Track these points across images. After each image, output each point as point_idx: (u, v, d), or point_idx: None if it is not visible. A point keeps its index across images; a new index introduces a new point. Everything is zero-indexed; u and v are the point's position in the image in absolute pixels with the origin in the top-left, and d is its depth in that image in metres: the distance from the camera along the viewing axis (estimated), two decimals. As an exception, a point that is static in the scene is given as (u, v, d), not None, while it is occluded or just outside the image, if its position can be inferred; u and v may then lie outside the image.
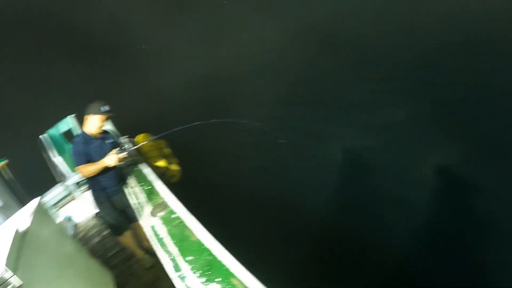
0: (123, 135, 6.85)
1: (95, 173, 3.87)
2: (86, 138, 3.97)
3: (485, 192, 6.07)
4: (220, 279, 2.19)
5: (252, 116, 10.95)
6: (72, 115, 7.13)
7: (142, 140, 6.21)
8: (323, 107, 10.64)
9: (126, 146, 3.91)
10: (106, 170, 3.96)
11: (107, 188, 4.25)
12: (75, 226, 7.20)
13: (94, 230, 6.58)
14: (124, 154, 3.85)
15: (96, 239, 6.21)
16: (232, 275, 2.18)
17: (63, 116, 7.29)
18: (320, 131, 9.41)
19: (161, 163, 5.55)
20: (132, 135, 6.49)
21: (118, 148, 3.92)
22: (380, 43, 13.27)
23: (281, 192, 7.58)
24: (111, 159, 3.82)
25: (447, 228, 5.87)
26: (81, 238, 6.61)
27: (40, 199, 4.21)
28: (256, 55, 17.02)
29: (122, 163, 3.95)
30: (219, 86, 15.67)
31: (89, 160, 3.88)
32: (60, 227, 4.14)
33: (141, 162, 5.05)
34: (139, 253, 4.63)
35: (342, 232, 6.28)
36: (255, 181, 8.33)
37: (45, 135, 7.02)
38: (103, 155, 3.96)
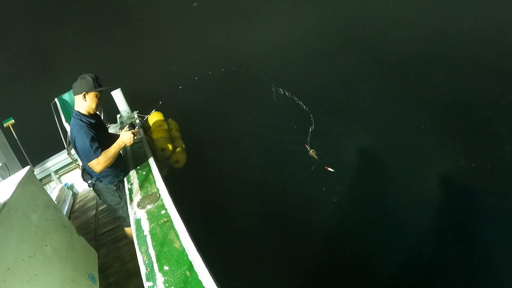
0: (133, 110, 6.68)
1: (114, 160, 3.40)
2: (88, 121, 3.41)
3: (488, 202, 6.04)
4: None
5: (263, 108, 10.81)
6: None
7: (155, 118, 6.00)
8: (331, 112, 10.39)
9: (134, 121, 3.60)
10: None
11: (124, 169, 3.97)
12: (75, 195, 7.06)
13: (92, 203, 6.41)
14: (137, 129, 3.53)
15: (92, 213, 6.04)
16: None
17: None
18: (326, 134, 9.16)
19: (166, 146, 5.30)
20: (142, 111, 6.31)
21: (127, 125, 3.59)
22: (401, 49, 13.29)
23: (280, 201, 7.36)
24: (127, 136, 3.41)
25: (452, 245, 5.70)
26: (78, 209, 6.46)
27: (36, 167, 4.04)
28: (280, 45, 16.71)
29: (135, 138, 3.49)
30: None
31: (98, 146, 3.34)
32: (49, 200, 3.87)
33: (145, 142, 4.80)
34: None
35: (344, 246, 6.08)
36: (257, 185, 8.05)
37: (58, 99, 6.85)
38: (106, 136, 3.67)
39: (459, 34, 12.90)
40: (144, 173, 3.77)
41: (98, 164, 3.26)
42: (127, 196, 3.35)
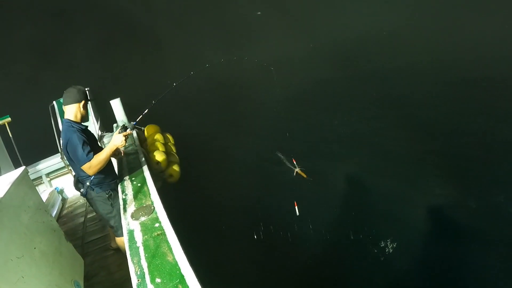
0: (130, 120, 6.73)
1: (106, 162, 3.48)
2: (79, 127, 3.54)
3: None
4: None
5: (256, 127, 10.94)
6: (86, 88, 6.97)
7: (151, 130, 6.05)
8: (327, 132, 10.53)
9: (126, 124, 3.70)
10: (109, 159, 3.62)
11: (115, 178, 4.01)
12: (64, 200, 7.02)
13: (81, 210, 6.38)
14: (128, 131, 3.61)
15: (80, 220, 6.01)
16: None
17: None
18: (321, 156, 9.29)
19: (162, 160, 5.33)
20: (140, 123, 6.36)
21: (119, 128, 3.66)
22: (397, 75, 13.69)
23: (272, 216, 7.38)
24: (119, 138, 3.47)
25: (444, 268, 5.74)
26: (66, 214, 6.42)
27: (29, 168, 4.06)
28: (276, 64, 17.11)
29: (125, 144, 3.57)
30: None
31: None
32: (41, 203, 3.88)
33: (141, 154, 4.82)
34: None
35: (333, 263, 6.21)
36: (249, 201, 8.10)
37: (56, 102, 6.88)
38: (96, 144, 3.79)
39: (454, 63, 13.32)
40: (138, 184, 3.78)
41: (90, 167, 3.35)
42: (121, 206, 3.35)
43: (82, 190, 3.73)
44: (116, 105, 6.85)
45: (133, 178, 3.99)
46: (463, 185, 7.09)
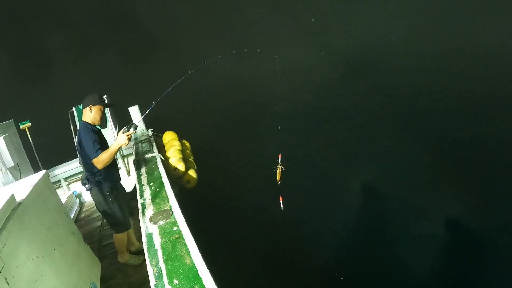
0: (148, 128, 6.85)
1: (112, 158, 3.88)
2: (93, 128, 4.03)
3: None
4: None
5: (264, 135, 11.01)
6: (105, 96, 7.09)
7: (169, 137, 6.13)
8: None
9: (130, 125, 3.94)
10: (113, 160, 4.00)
11: (117, 179, 4.30)
12: (82, 204, 7.12)
13: (98, 214, 6.44)
14: (132, 131, 3.93)
15: (97, 223, 6.09)
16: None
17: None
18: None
19: (180, 166, 5.40)
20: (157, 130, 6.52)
21: (124, 128, 3.97)
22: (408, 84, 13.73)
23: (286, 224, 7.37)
24: (122, 138, 3.83)
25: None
26: (83, 218, 6.52)
27: (48, 172, 4.17)
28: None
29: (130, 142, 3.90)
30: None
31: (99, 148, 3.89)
32: (61, 205, 3.98)
33: (159, 160, 4.90)
34: (126, 254, 4.52)
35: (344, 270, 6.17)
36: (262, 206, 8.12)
37: (75, 108, 7.03)
38: (106, 144, 4.15)
39: (466, 70, 13.21)
40: (157, 189, 3.85)
41: (98, 162, 3.77)
42: (139, 210, 3.42)
43: (87, 186, 4.09)
44: (134, 112, 7.00)
45: (151, 183, 4.08)
46: (478, 194, 6.99)
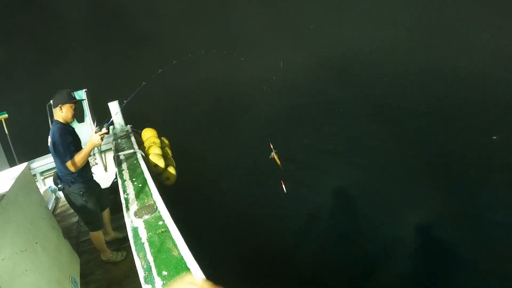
0: (127, 123, 6.84)
1: (86, 160, 3.92)
2: (67, 128, 3.98)
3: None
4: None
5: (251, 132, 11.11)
6: (84, 90, 6.99)
7: (148, 134, 6.15)
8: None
9: (102, 124, 3.98)
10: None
11: (90, 178, 4.30)
12: (57, 199, 7.03)
13: (74, 210, 6.40)
14: (104, 130, 3.93)
15: (73, 219, 6.04)
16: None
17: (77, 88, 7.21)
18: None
19: (160, 162, 5.43)
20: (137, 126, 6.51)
21: (97, 127, 3.99)
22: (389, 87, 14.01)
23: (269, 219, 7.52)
24: (96, 138, 3.85)
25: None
26: (59, 213, 6.45)
27: (29, 164, 4.14)
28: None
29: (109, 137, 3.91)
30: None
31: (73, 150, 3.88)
32: (42, 199, 3.97)
33: (140, 156, 4.93)
34: (107, 251, 4.53)
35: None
36: (245, 203, 8.22)
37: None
38: (79, 144, 4.10)
39: (454, 80, 13.60)
40: (140, 184, 3.89)
41: (73, 164, 3.77)
42: (123, 205, 3.46)
43: (60, 185, 4.05)
44: (114, 107, 6.94)
45: (133, 179, 4.11)
46: (455, 198, 7.23)
